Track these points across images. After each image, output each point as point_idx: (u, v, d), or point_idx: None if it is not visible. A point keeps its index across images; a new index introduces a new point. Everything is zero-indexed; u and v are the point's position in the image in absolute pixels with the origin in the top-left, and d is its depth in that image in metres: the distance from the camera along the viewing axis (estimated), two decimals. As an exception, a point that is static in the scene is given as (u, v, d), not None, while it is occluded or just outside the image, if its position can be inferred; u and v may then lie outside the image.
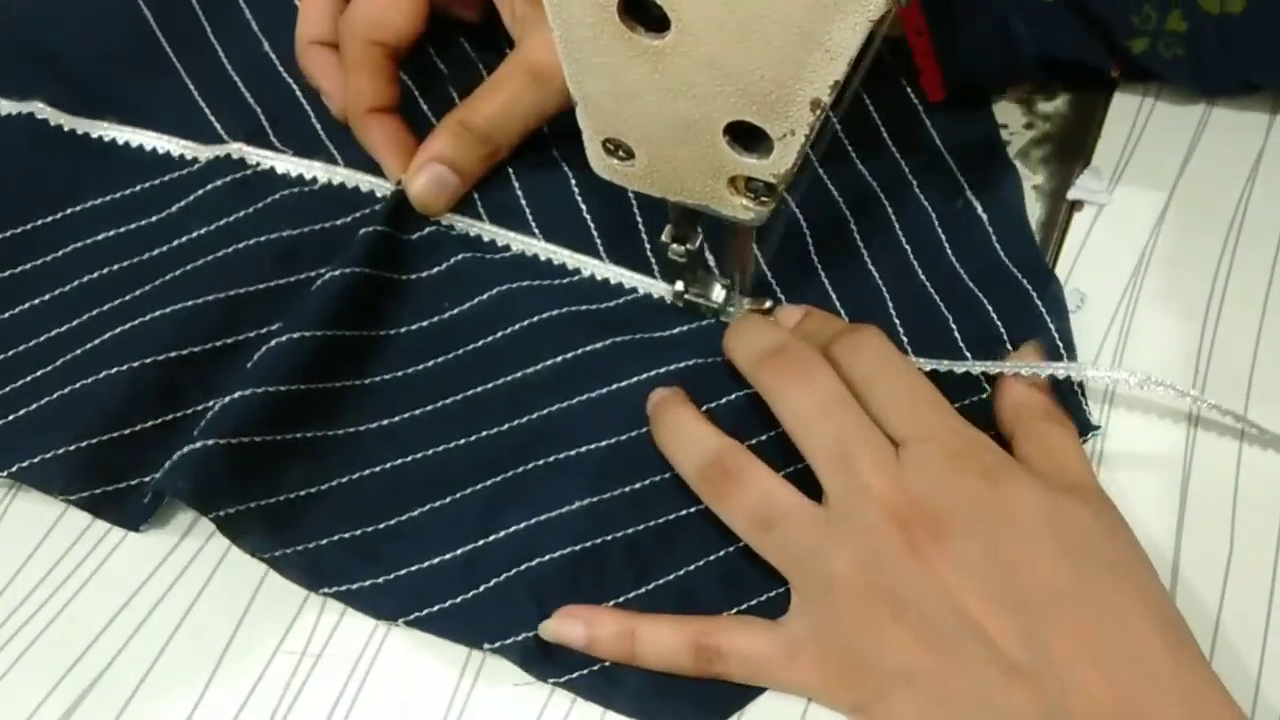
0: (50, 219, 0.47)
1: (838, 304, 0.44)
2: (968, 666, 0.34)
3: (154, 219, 0.47)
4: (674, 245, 0.41)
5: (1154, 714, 0.32)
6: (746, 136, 0.34)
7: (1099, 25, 0.44)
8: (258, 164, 0.48)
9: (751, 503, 0.37)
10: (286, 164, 0.48)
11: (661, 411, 0.40)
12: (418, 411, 0.42)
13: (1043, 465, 0.37)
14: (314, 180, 0.47)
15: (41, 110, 0.49)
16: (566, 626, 0.37)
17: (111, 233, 0.46)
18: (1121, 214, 0.46)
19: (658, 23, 0.31)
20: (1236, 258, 0.45)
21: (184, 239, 0.46)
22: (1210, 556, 0.39)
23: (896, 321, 0.44)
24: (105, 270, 0.45)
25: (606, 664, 0.37)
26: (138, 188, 0.48)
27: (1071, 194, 0.46)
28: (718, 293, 0.43)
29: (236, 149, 0.48)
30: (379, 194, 0.47)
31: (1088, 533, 0.35)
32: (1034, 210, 0.46)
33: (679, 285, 0.43)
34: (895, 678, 0.35)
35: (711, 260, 0.44)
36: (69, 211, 0.47)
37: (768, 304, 0.43)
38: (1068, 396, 0.41)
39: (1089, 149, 0.48)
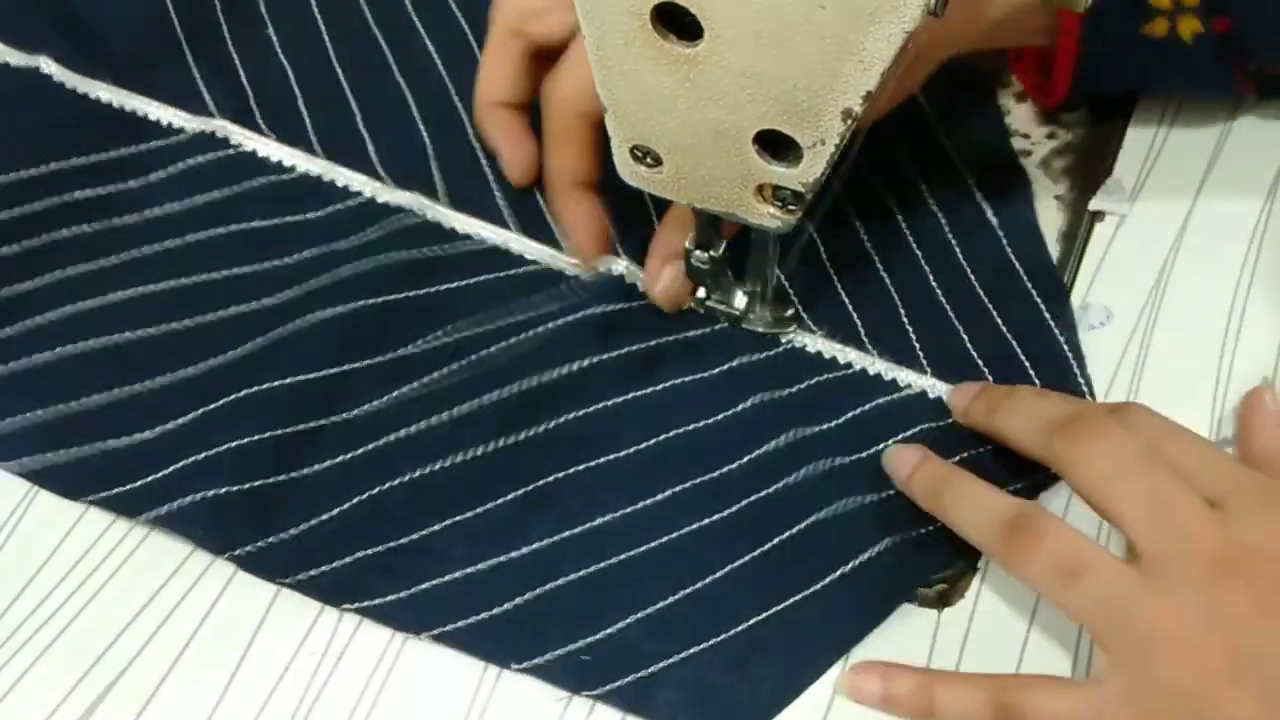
0: (34, 171, 0.47)
1: (853, 312, 0.44)
2: None
3: (131, 184, 0.47)
4: (697, 252, 0.41)
5: None
6: (776, 145, 0.34)
7: (1251, 61, 0.43)
8: (240, 145, 0.48)
9: (1056, 554, 0.35)
10: (268, 148, 0.48)
11: (938, 483, 0.39)
12: (434, 420, 0.42)
13: None
14: (292, 168, 0.48)
15: (47, 65, 0.50)
16: (863, 681, 0.37)
17: (89, 192, 0.47)
18: (1143, 225, 0.46)
19: (690, 31, 0.31)
20: (1258, 270, 0.45)
21: (156, 210, 0.46)
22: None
23: (910, 331, 0.44)
24: (75, 230, 0.46)
25: (640, 675, 0.37)
26: (121, 151, 0.48)
27: (1093, 205, 0.46)
28: (739, 300, 0.43)
29: (221, 126, 0.48)
30: (353, 189, 0.47)
31: None
32: (1055, 221, 0.46)
33: (701, 292, 0.43)
34: None
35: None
36: (52, 167, 0.47)
37: (789, 312, 0.43)
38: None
39: (1111, 159, 0.48)
